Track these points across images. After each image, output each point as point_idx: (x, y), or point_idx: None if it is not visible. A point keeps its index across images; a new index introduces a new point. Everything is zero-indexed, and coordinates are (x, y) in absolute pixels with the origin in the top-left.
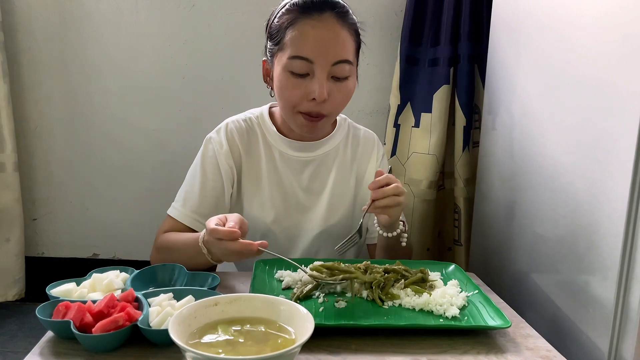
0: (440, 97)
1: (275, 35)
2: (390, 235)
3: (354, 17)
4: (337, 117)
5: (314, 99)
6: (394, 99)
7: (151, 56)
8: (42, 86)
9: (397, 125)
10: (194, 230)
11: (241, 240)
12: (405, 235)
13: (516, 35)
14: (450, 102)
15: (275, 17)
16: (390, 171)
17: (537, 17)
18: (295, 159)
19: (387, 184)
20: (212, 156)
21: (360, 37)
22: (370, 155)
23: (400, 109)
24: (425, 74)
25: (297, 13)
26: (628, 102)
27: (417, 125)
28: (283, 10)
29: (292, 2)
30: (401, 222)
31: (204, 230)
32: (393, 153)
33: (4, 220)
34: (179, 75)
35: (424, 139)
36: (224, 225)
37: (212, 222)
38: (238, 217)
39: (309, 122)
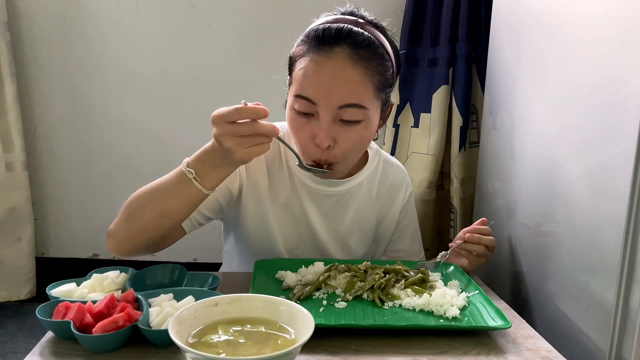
0: (439, 97)
1: (290, 66)
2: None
3: (382, 51)
4: (369, 151)
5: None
6: (393, 99)
7: (151, 56)
8: (43, 87)
9: (396, 125)
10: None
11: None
12: None
13: (516, 35)
14: (449, 102)
15: (295, 45)
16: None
17: (537, 17)
18: (313, 190)
19: (487, 235)
20: None
21: (392, 72)
22: (397, 195)
23: (399, 109)
24: (425, 74)
25: (309, 45)
26: (628, 102)
27: (416, 125)
28: (301, 38)
29: (310, 30)
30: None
31: (184, 160)
32: (392, 153)
33: (15, 220)
34: (179, 75)
35: (423, 139)
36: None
37: (224, 110)
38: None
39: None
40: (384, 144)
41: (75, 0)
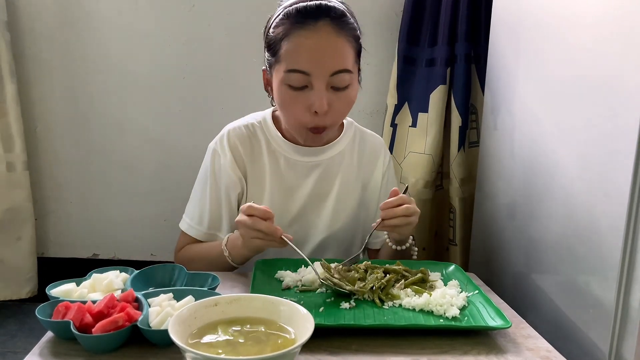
0: (436, 97)
1: (271, 47)
2: (399, 248)
3: (352, 21)
4: (344, 121)
5: (315, 111)
6: (391, 99)
7: (151, 56)
8: (43, 87)
9: (394, 125)
10: None
11: (269, 223)
12: (415, 249)
13: (516, 35)
14: (446, 102)
15: (270, 26)
16: (401, 178)
17: (537, 17)
18: (300, 163)
19: (399, 205)
20: (218, 169)
21: (361, 40)
22: (377, 161)
23: (397, 109)
24: (423, 74)
25: (291, 23)
26: (629, 102)
27: (414, 125)
28: (277, 20)
29: (286, 10)
30: (410, 237)
31: (227, 236)
32: (390, 153)
33: (15, 219)
34: (179, 75)
35: (421, 138)
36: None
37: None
38: (268, 208)
39: (314, 136)
40: None
41: (75, 0)
